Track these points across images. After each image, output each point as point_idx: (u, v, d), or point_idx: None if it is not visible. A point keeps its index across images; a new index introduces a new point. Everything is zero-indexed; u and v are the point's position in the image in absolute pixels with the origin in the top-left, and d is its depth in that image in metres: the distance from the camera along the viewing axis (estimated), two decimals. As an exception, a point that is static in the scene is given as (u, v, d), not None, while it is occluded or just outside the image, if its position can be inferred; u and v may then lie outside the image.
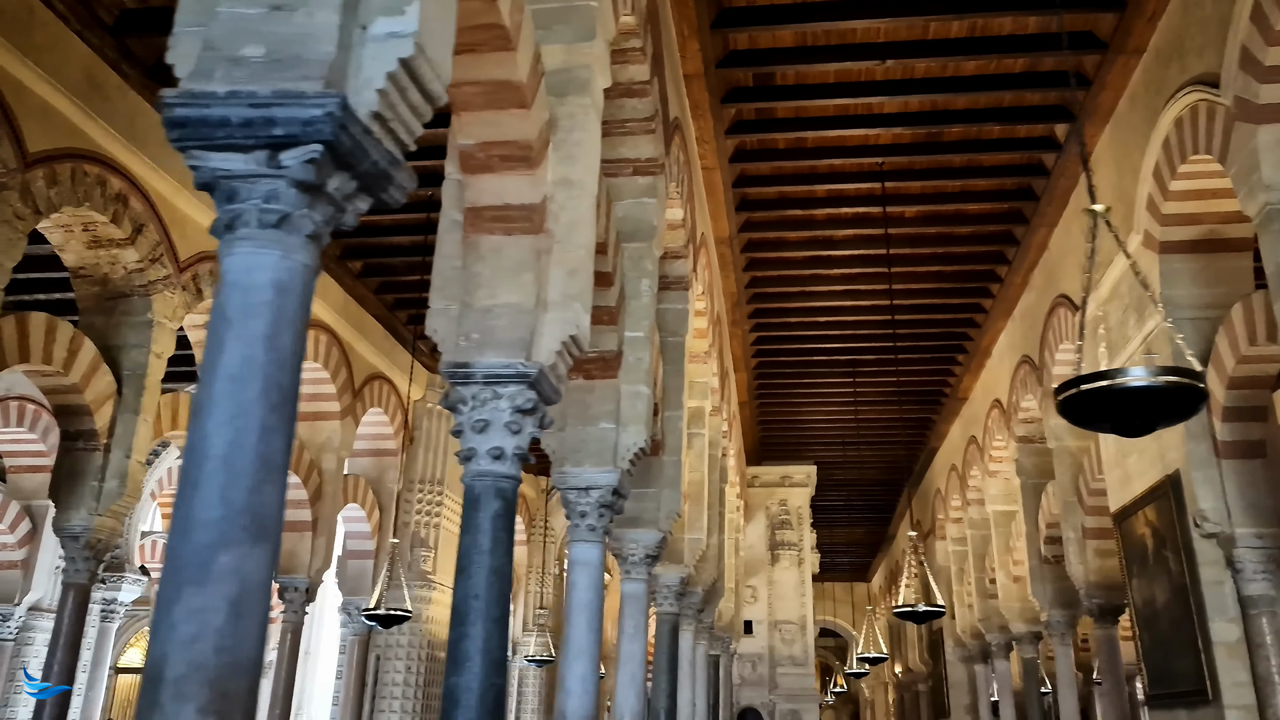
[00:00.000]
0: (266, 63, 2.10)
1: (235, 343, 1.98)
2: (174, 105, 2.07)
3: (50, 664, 7.37)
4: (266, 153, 2.06)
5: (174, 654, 1.76)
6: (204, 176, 2.10)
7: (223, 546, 1.84)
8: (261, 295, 2.02)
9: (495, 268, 3.84)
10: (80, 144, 7.27)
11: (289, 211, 2.07)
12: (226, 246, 2.06)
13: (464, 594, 3.46)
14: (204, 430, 1.91)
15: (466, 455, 3.63)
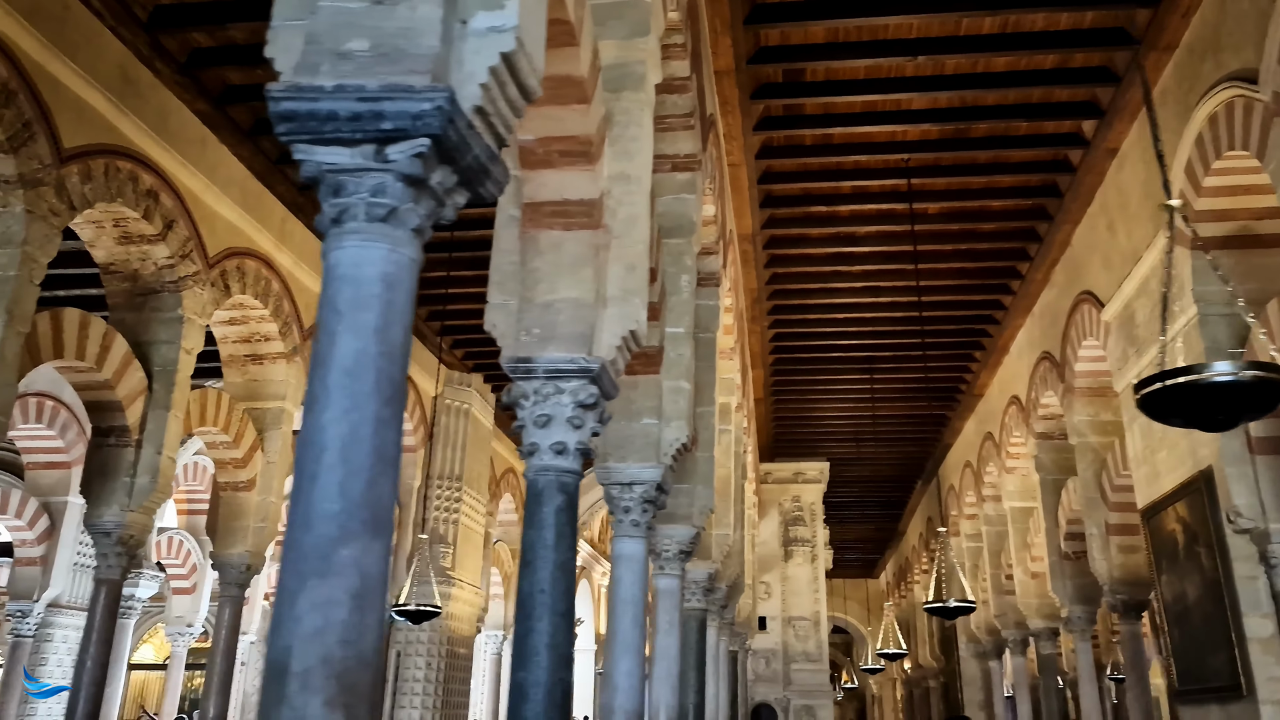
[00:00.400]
0: (372, 56, 2.10)
1: (347, 336, 1.98)
2: (281, 99, 2.07)
3: (83, 660, 7.38)
4: (374, 147, 2.06)
5: (300, 646, 1.77)
6: (310, 170, 2.10)
7: (343, 540, 1.84)
8: (371, 288, 2.02)
9: (555, 263, 3.84)
10: (113, 140, 7.27)
11: (396, 205, 2.07)
12: (335, 240, 2.06)
13: (529, 589, 3.46)
14: (319, 423, 1.92)
15: (529, 450, 3.64)
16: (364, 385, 1.95)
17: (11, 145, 6.27)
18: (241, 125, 8.35)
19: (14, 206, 6.33)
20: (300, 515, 1.87)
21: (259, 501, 9.47)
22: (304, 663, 1.76)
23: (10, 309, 6.21)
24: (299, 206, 9.66)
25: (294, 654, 1.76)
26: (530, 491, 3.62)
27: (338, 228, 2.07)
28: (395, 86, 2.05)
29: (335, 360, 1.96)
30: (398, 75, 2.07)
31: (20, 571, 13.89)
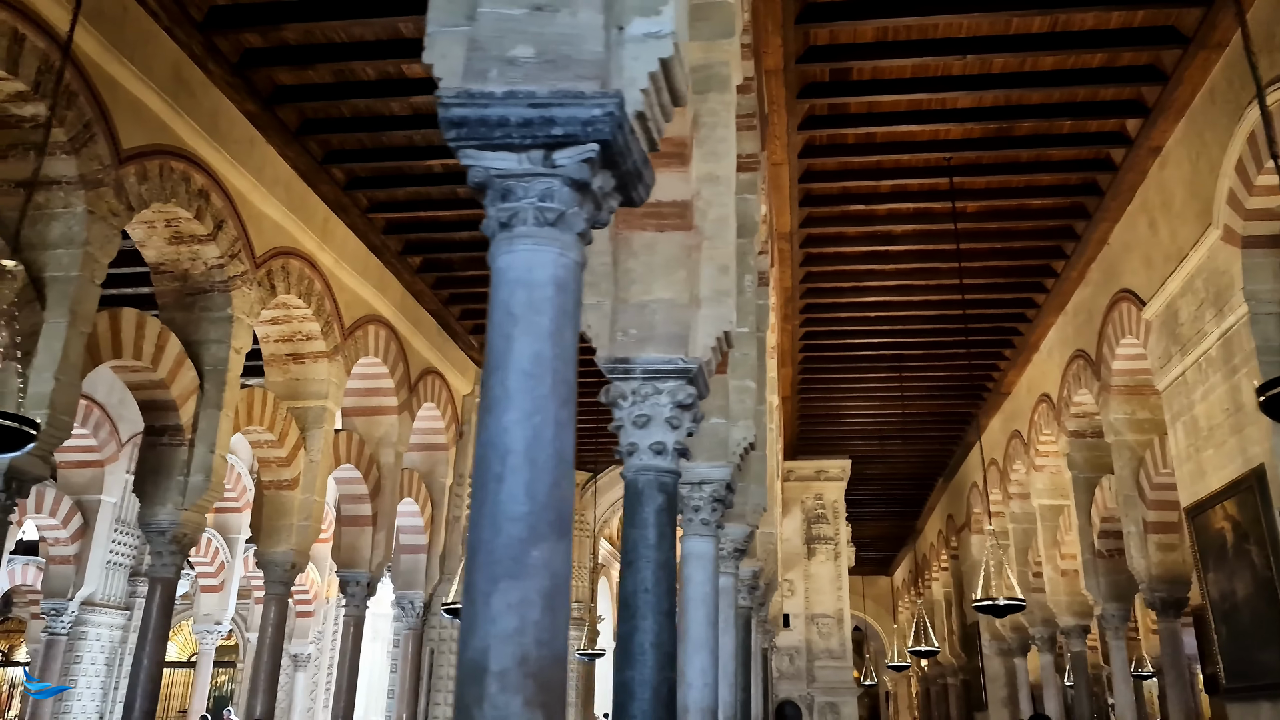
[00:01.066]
0: (539, 63, 2.12)
1: (525, 339, 2.01)
2: (451, 105, 2.10)
3: (139, 658, 7.44)
4: (542, 152, 2.09)
5: (497, 647, 1.79)
6: (478, 175, 2.13)
7: (533, 541, 1.87)
8: (544, 292, 2.05)
9: (648, 264, 3.86)
10: (167, 140, 7.32)
11: (564, 210, 2.10)
12: (504, 244, 2.09)
13: (632, 588, 3.49)
14: (502, 425, 1.94)
15: (628, 450, 3.67)
16: (543, 388, 1.98)
17: (73, 146, 6.32)
18: (289, 125, 8.39)
19: (75, 207, 6.38)
20: (488, 516, 1.90)
21: (302, 500, 9.52)
22: (502, 663, 1.78)
23: (73, 309, 6.27)
24: (341, 206, 9.70)
25: (491, 654, 1.79)
26: (629, 491, 3.65)
27: (507, 232, 2.10)
28: (565, 93, 2.08)
29: (514, 363, 1.99)
30: (567, 81, 2.10)
31: (54, 570, 13.98)
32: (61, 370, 6.12)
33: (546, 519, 1.89)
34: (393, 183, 9.51)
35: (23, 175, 6.36)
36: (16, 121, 6.18)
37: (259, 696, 9.03)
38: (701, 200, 3.97)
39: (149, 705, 7.32)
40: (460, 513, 13.88)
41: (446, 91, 2.10)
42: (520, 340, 2.00)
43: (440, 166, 9.21)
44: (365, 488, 11.21)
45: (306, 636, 21.46)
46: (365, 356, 10.86)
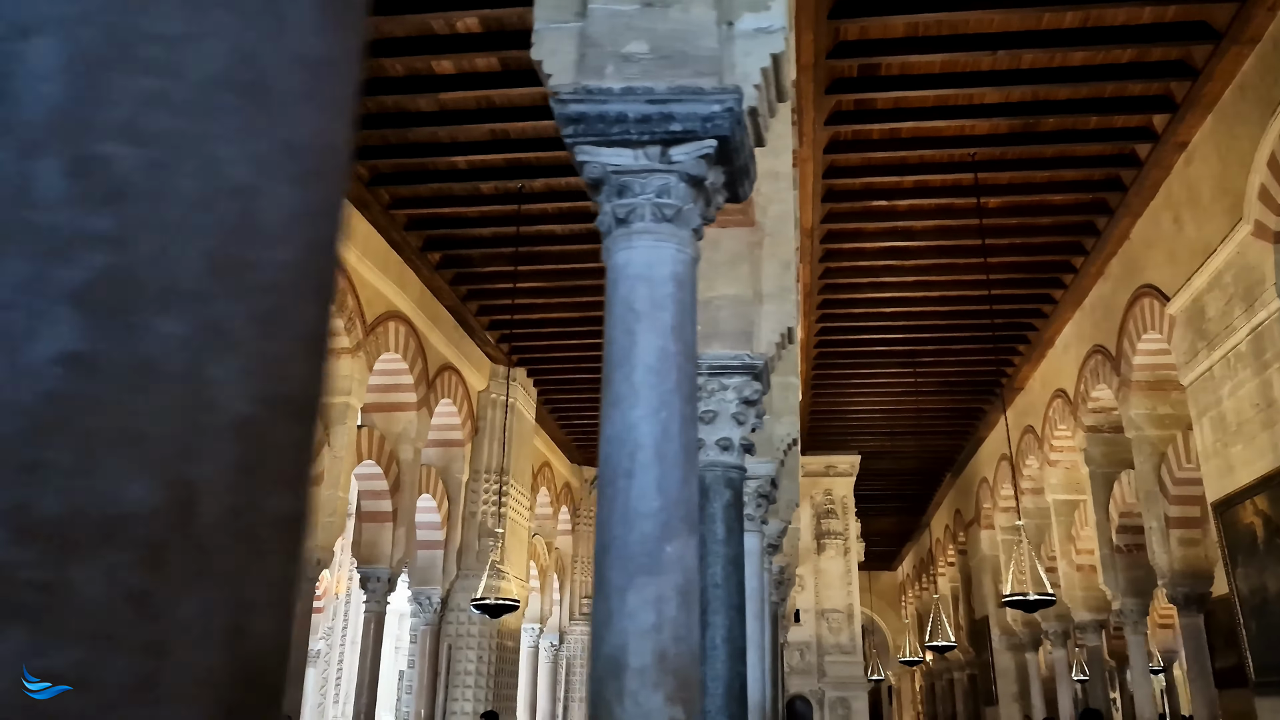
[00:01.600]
0: (655, 59, 2.12)
1: (649, 335, 2.01)
2: (569, 101, 2.10)
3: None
4: (659, 148, 2.09)
5: (636, 643, 1.80)
6: (594, 172, 2.13)
7: (666, 537, 1.87)
8: (665, 288, 2.05)
9: (711, 260, 3.86)
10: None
11: (681, 206, 2.10)
12: (622, 240, 2.09)
13: (702, 584, 3.49)
14: (629, 421, 1.95)
15: (693, 446, 3.66)
16: (669, 383, 1.98)
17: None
18: (316, 122, 8.37)
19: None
20: (619, 513, 1.90)
21: (327, 496, 9.52)
22: (642, 659, 1.79)
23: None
24: (363, 203, 9.70)
25: (630, 650, 1.80)
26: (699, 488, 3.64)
27: (625, 228, 2.10)
28: (684, 89, 2.08)
29: (639, 359, 1.99)
30: (685, 78, 2.10)
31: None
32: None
33: (678, 515, 1.89)
34: (416, 179, 9.50)
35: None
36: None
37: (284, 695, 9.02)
38: (761, 196, 3.97)
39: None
40: (476, 509, 13.89)
41: (563, 88, 2.10)
42: (644, 336, 2.00)
43: (464, 163, 9.20)
44: (385, 484, 11.21)
45: (316, 632, 21.50)
46: (386, 353, 10.86)
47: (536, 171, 9.33)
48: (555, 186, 9.70)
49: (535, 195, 9.77)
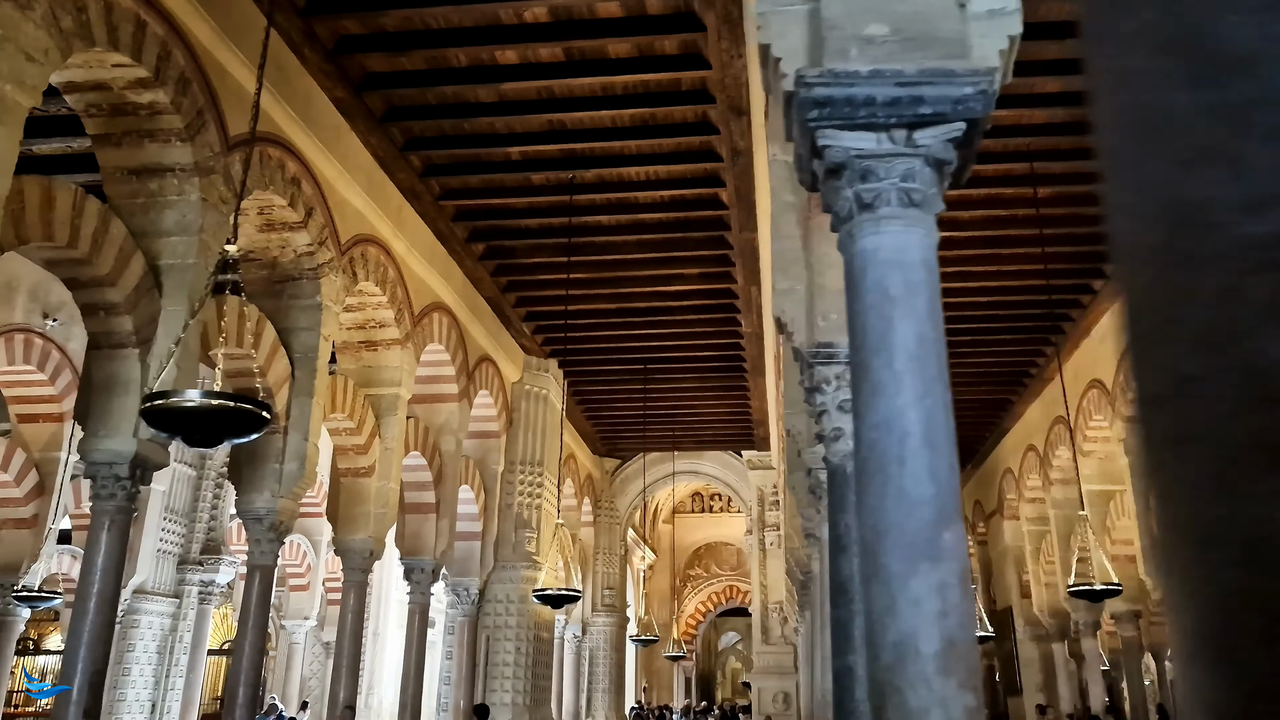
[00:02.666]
0: (898, 41, 2.10)
1: (906, 321, 1.99)
2: (815, 84, 2.07)
3: (240, 644, 7.44)
4: (905, 132, 2.07)
5: (925, 630, 1.78)
6: (837, 156, 2.10)
7: (942, 523, 1.85)
8: (917, 273, 2.03)
9: (843, 248, 3.83)
10: (266, 128, 7.26)
11: (926, 190, 2.08)
12: (868, 225, 2.07)
13: (847, 574, 3.48)
14: (895, 408, 1.93)
15: (833, 436, 3.65)
16: (930, 370, 1.96)
17: (188, 133, 6.28)
18: (375, 112, 8.34)
19: (190, 195, 6.34)
20: (892, 499, 1.88)
21: (379, 487, 9.50)
22: (932, 645, 1.77)
23: (190, 296, 6.23)
24: (415, 194, 9.66)
25: (920, 637, 1.78)
26: (836, 477, 3.64)
27: (869, 213, 2.07)
28: (935, 71, 2.06)
29: (898, 345, 1.97)
30: (934, 60, 2.07)
31: (106, 558, 13.96)
32: (182, 358, 6.09)
33: (951, 501, 1.88)
34: (467, 170, 9.46)
35: (135, 163, 6.32)
36: (134, 109, 6.13)
37: (340, 683, 9.03)
38: (891, 184, 3.94)
39: (251, 693, 7.32)
40: (512, 500, 13.88)
41: (809, 72, 2.07)
42: (901, 323, 1.98)
43: (518, 153, 9.16)
44: (429, 475, 11.19)
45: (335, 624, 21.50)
46: (431, 344, 10.83)
47: (589, 162, 9.30)
48: (606, 177, 9.67)
49: (586, 186, 9.73)
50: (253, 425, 4.97)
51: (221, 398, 4.86)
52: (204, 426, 4.93)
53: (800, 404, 5.70)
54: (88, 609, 5.65)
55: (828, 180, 2.16)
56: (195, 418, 4.85)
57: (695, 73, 7.82)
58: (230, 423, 4.93)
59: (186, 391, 4.97)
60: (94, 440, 5.89)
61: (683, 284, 12.24)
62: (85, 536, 14.33)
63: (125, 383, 5.98)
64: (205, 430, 4.97)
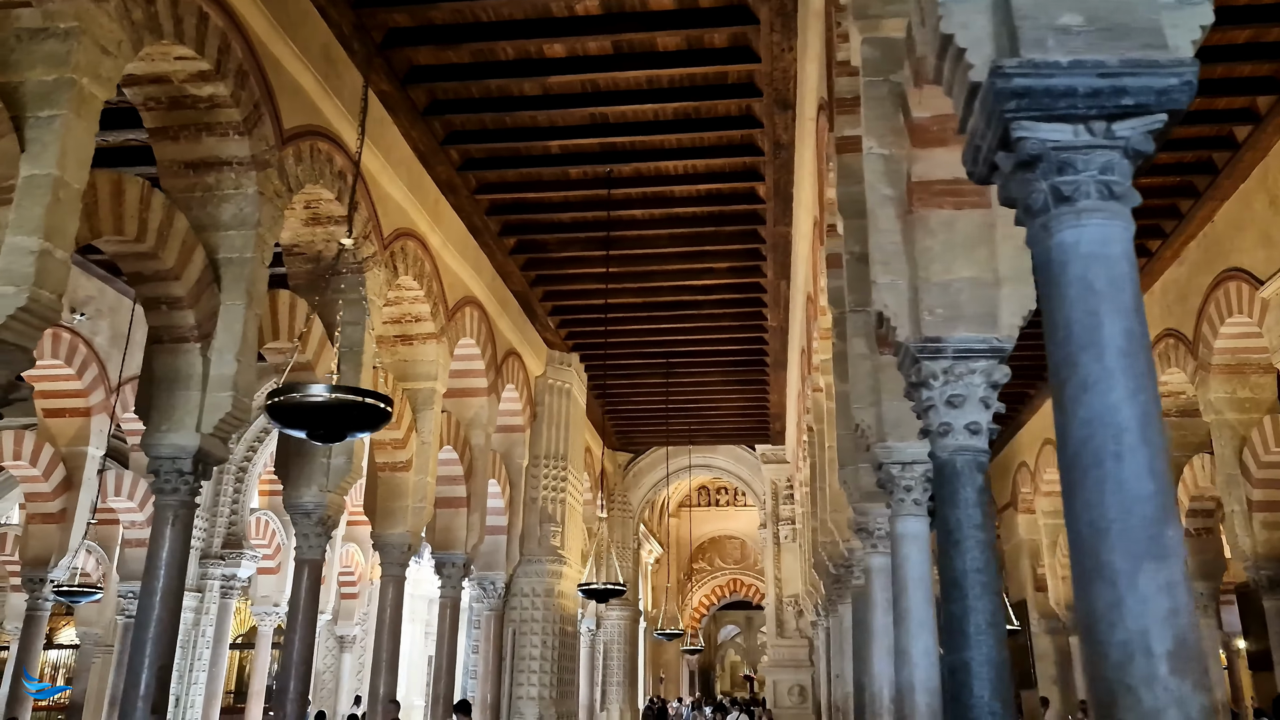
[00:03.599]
0: (1094, 31, 2.07)
1: (1114, 316, 1.97)
2: (1014, 74, 2.05)
3: (290, 639, 7.41)
4: (1104, 123, 2.04)
5: (1156, 629, 1.77)
6: (1033, 148, 2.08)
7: (1163, 521, 1.84)
8: (1121, 267, 2.01)
9: (948, 242, 3.82)
10: (316, 121, 7.23)
11: (1124, 182, 2.06)
12: (1069, 218, 2.05)
13: (962, 568, 3.46)
14: (1108, 403, 1.91)
15: (941, 431, 3.63)
16: (1140, 364, 1.94)
17: (246, 126, 6.24)
18: (418, 105, 8.30)
19: (246, 188, 6.30)
20: (1111, 495, 1.86)
21: (416, 481, 9.48)
22: (1164, 645, 1.76)
23: (249, 291, 6.20)
24: (452, 187, 9.62)
25: (1152, 636, 1.76)
26: (945, 472, 3.62)
27: (1068, 206, 2.05)
28: (1138, 61, 2.03)
29: (1107, 340, 1.95)
30: (1135, 50, 2.05)
31: (131, 553, 13.94)
32: (242, 352, 6.06)
33: (1171, 499, 1.86)
34: (505, 164, 9.43)
35: (193, 157, 6.28)
36: (192, 102, 6.08)
37: (380, 676, 9.02)
38: (992, 177, 3.91)
39: (302, 687, 7.30)
40: (537, 494, 13.86)
41: (1008, 62, 2.05)
42: (1110, 317, 1.96)
43: (558, 147, 9.13)
44: (461, 469, 11.17)
45: (352, 618, 21.48)
46: (463, 338, 10.80)
47: (628, 156, 9.26)
48: (644, 171, 9.64)
49: (623, 180, 9.70)
50: (376, 419, 4.97)
51: (347, 392, 4.86)
52: (329, 421, 4.91)
53: (867, 398, 5.67)
54: (153, 604, 5.62)
55: (1017, 173, 2.14)
56: (321, 413, 4.84)
57: (743, 66, 7.78)
58: (355, 417, 4.92)
59: (312, 386, 4.95)
60: (157, 435, 5.85)
61: (711, 278, 12.22)
62: (104, 531, 14.21)
63: (187, 377, 5.94)
64: (330, 425, 4.95)
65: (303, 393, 4.79)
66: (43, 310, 4.41)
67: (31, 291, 4.32)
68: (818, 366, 10.70)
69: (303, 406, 4.80)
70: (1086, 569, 1.87)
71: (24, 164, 4.46)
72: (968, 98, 2.21)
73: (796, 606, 20.63)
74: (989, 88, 2.09)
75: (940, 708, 5.16)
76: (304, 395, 4.80)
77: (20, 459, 11.81)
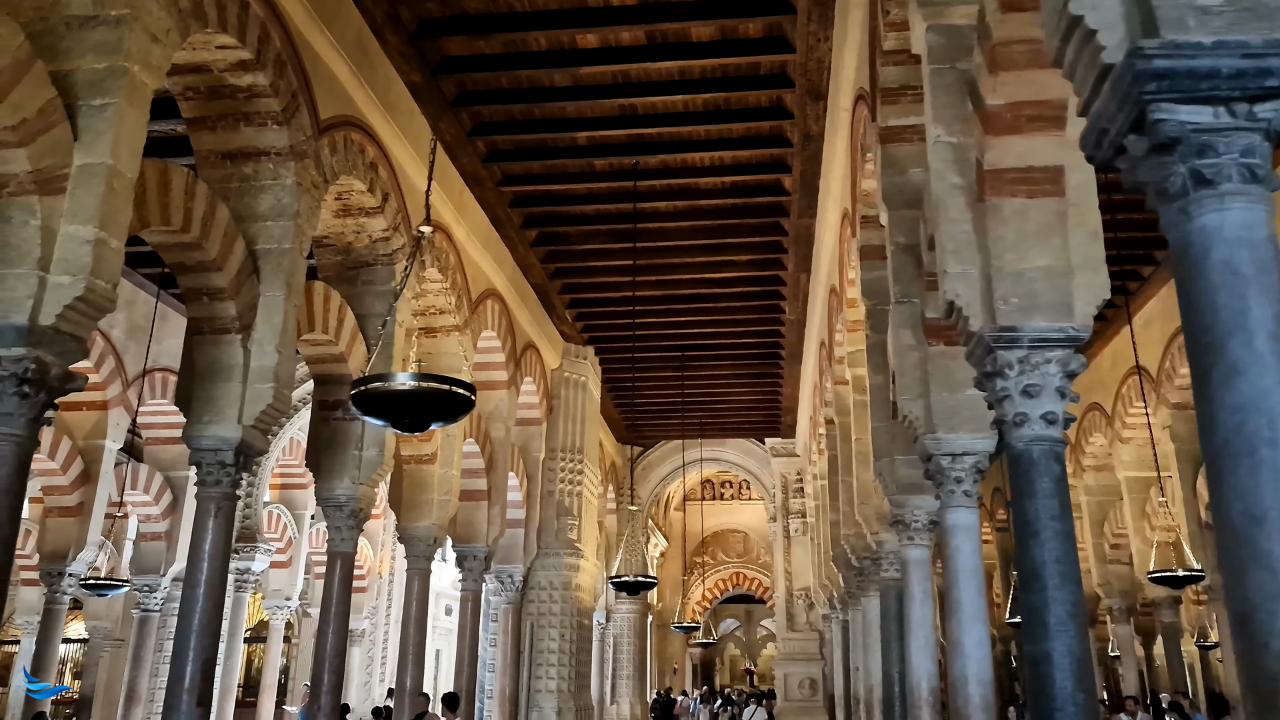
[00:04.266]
0: (1235, 11, 2.04)
1: (1261, 300, 1.95)
2: (1154, 56, 2.02)
3: (324, 631, 7.39)
4: (1246, 105, 2.02)
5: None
6: (1171, 130, 2.05)
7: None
8: (1265, 251, 1.99)
9: (1020, 231, 3.79)
10: (349, 112, 7.19)
11: (1266, 165, 2.03)
12: (1211, 202, 2.02)
13: (1041, 559, 3.44)
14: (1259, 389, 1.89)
15: (1016, 421, 3.61)
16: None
17: (285, 116, 6.19)
18: (447, 96, 8.25)
19: (285, 179, 6.26)
20: (1267, 483, 1.84)
21: (441, 474, 9.44)
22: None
23: (288, 282, 6.16)
24: (477, 179, 9.58)
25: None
26: (1022, 462, 3.60)
27: (1209, 189, 2.02)
28: (1279, 43, 2.00)
29: (1257, 325, 1.93)
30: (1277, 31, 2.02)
31: (146, 547, 13.90)
32: (282, 343, 6.02)
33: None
34: (531, 155, 9.38)
35: (231, 147, 6.24)
36: (231, 91, 6.03)
37: (408, 670, 9.00)
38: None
39: (336, 679, 7.28)
40: (554, 487, 13.83)
41: (1149, 44, 2.02)
42: (1257, 301, 1.94)
43: (585, 138, 9.08)
44: (482, 462, 11.13)
45: (361, 611, 21.44)
46: (485, 331, 10.76)
47: (655, 148, 9.22)
48: (670, 163, 9.60)
49: (648, 172, 9.66)
50: (460, 407, 4.96)
51: (431, 380, 4.85)
52: (413, 410, 4.90)
53: (915, 389, 5.64)
54: (197, 595, 5.59)
55: (1150, 156, 2.11)
56: (406, 401, 4.83)
57: (776, 56, 7.74)
58: (438, 406, 4.92)
59: (397, 375, 4.92)
60: (199, 427, 5.82)
61: (731, 270, 12.19)
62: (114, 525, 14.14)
63: (228, 368, 5.91)
64: (415, 414, 4.94)
65: (389, 381, 4.76)
66: (98, 300, 4.37)
67: (88, 281, 4.28)
68: (841, 359, 10.68)
69: (385, 395, 4.78)
70: (1242, 558, 1.84)
71: (77, 153, 4.42)
72: (1096, 80, 2.18)
73: (807, 599, 20.62)
74: (1125, 69, 2.06)
75: (993, 700, 5.15)
76: (390, 384, 4.78)
77: (39, 452, 11.76)
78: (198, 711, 5.44)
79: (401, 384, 4.84)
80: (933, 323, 5.55)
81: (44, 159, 4.28)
